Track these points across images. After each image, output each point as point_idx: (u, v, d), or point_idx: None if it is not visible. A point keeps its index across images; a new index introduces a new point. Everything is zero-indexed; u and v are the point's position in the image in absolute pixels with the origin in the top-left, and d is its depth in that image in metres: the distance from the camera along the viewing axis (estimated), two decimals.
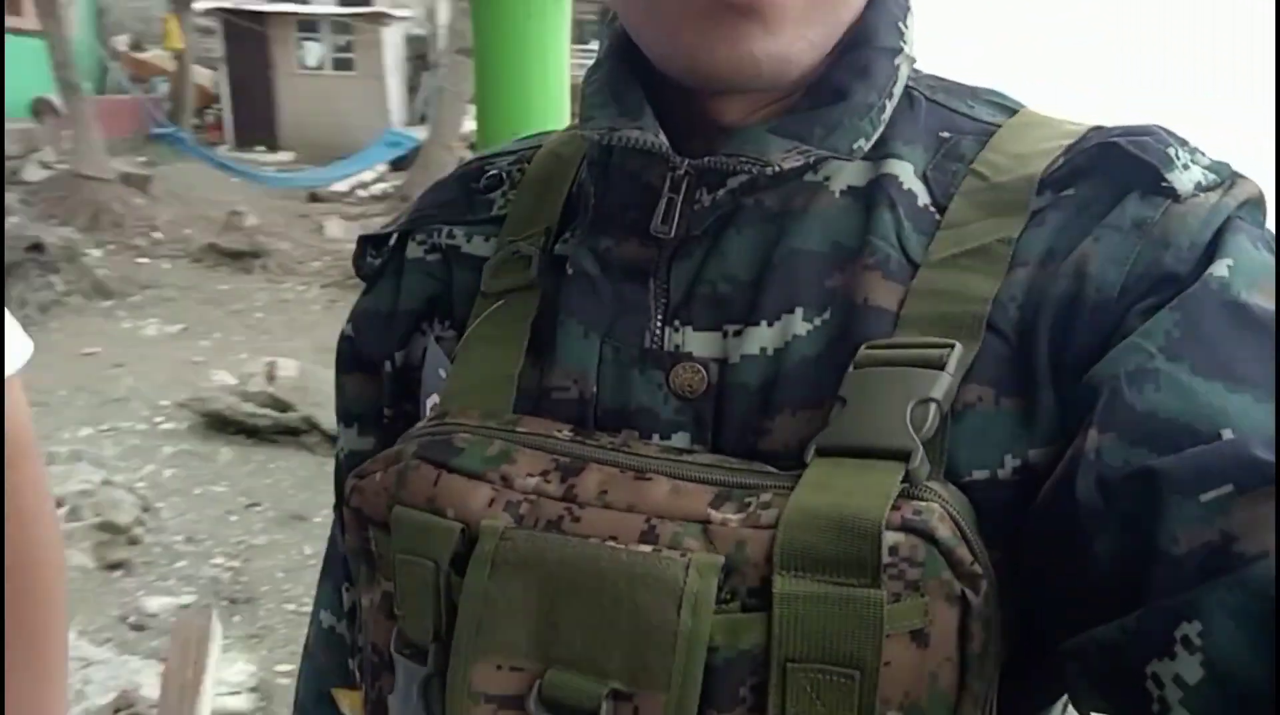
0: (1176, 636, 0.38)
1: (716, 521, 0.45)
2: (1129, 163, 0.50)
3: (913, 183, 0.53)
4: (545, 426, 0.52)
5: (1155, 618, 0.39)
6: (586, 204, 0.58)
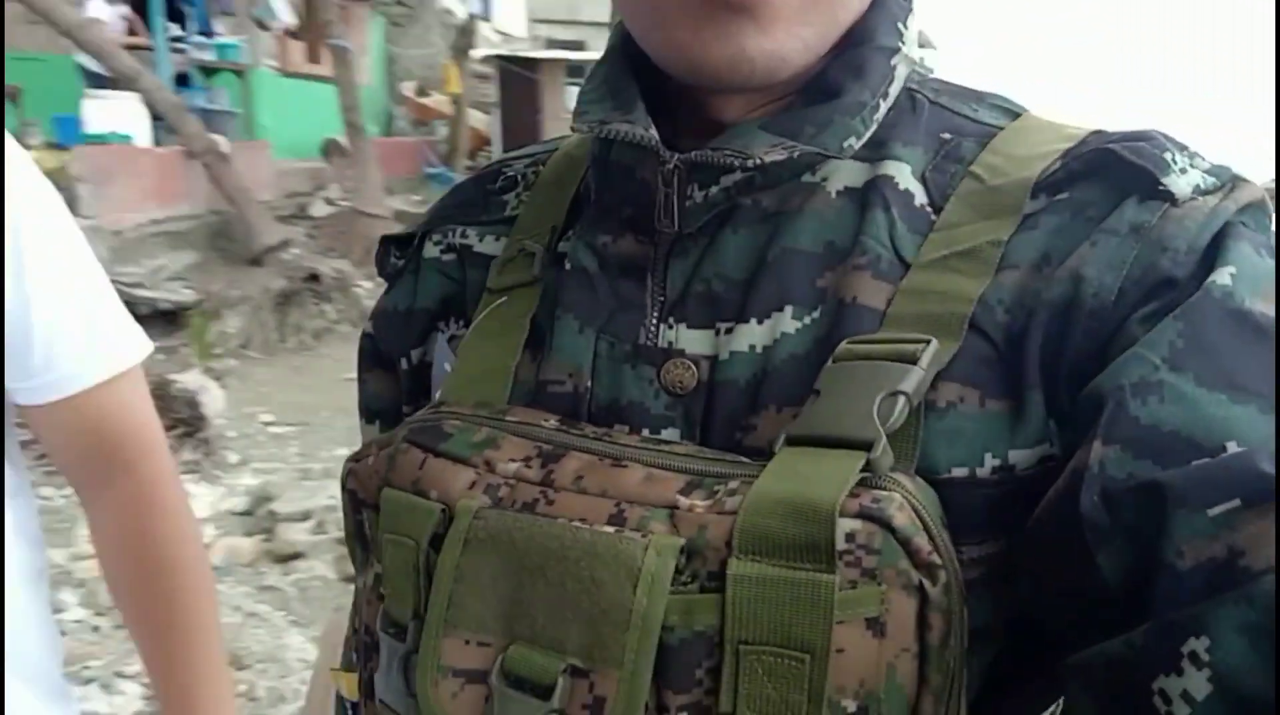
0: (1184, 652, 0.37)
1: (684, 507, 0.45)
2: (1126, 168, 0.49)
3: (909, 183, 0.53)
4: (533, 416, 0.53)
5: (1162, 633, 0.38)
6: (589, 201, 0.58)
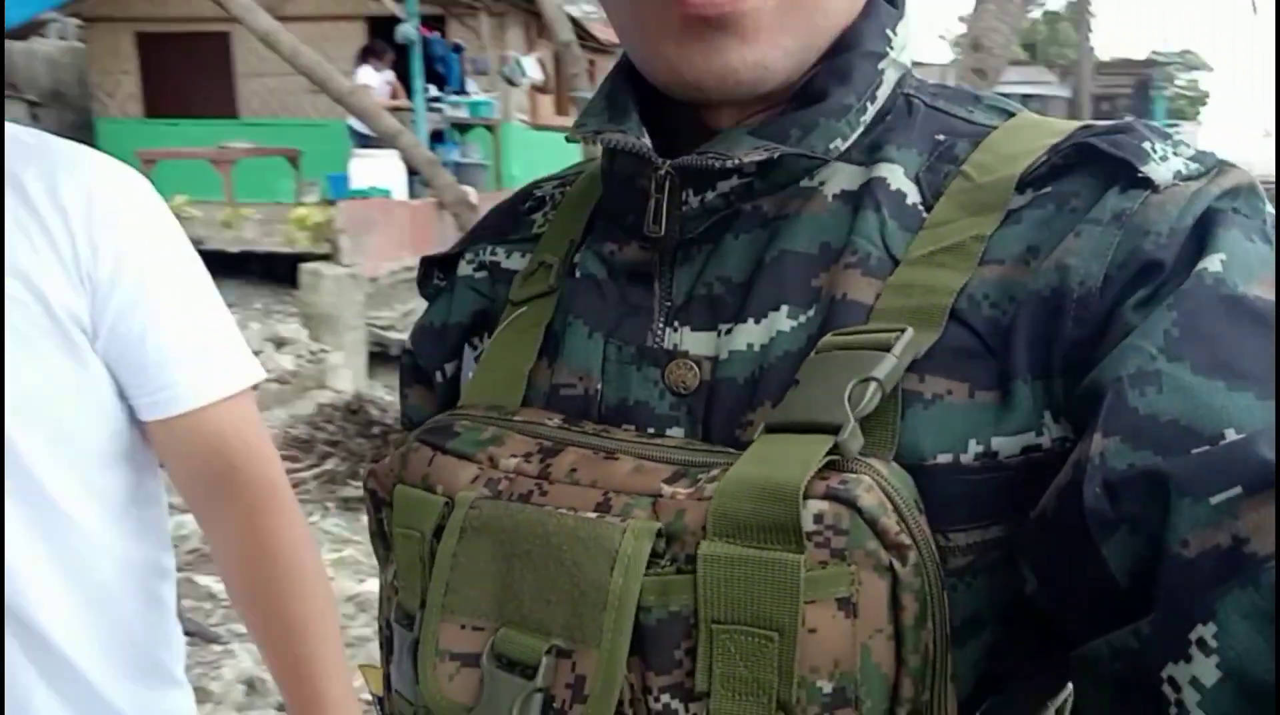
0: (1192, 639, 0.38)
1: (666, 495, 0.47)
2: (1106, 160, 0.50)
3: (902, 183, 0.54)
4: (538, 415, 0.56)
5: (1169, 621, 0.38)
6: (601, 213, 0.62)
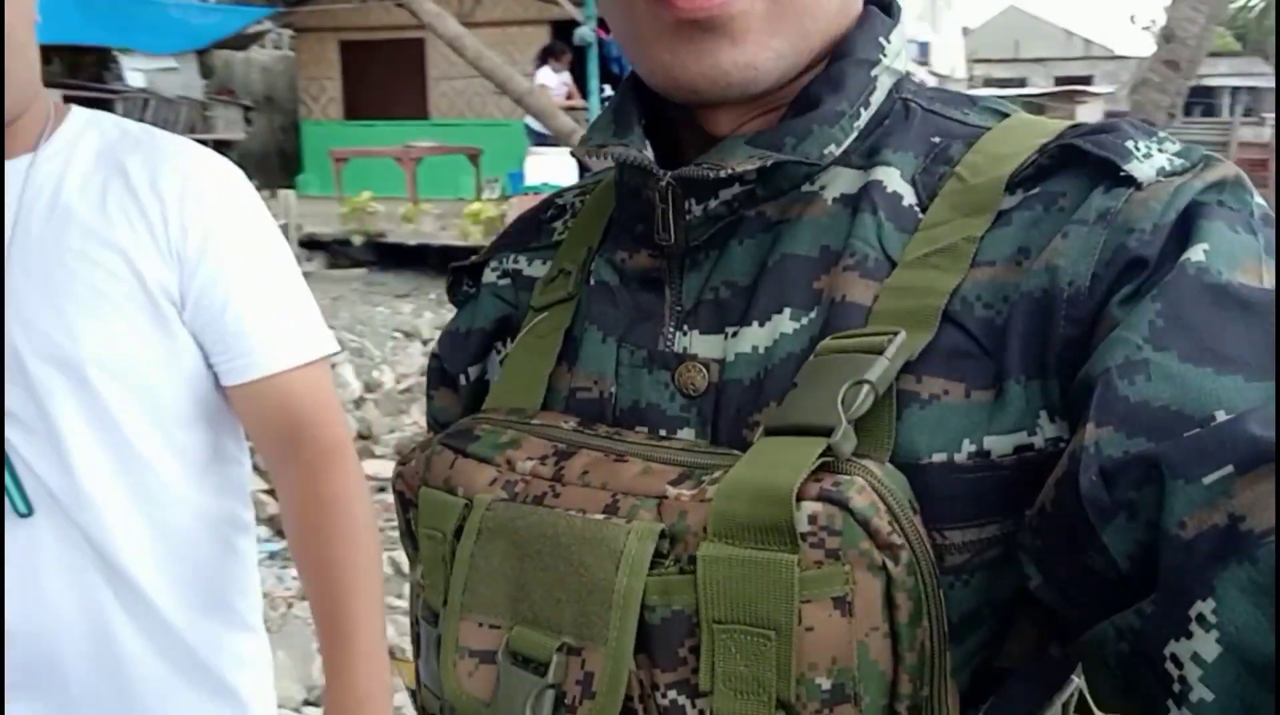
0: (1192, 616, 0.38)
1: (671, 496, 0.48)
2: (1090, 160, 0.51)
3: (898, 185, 0.55)
4: (555, 418, 0.58)
5: (1170, 600, 0.39)
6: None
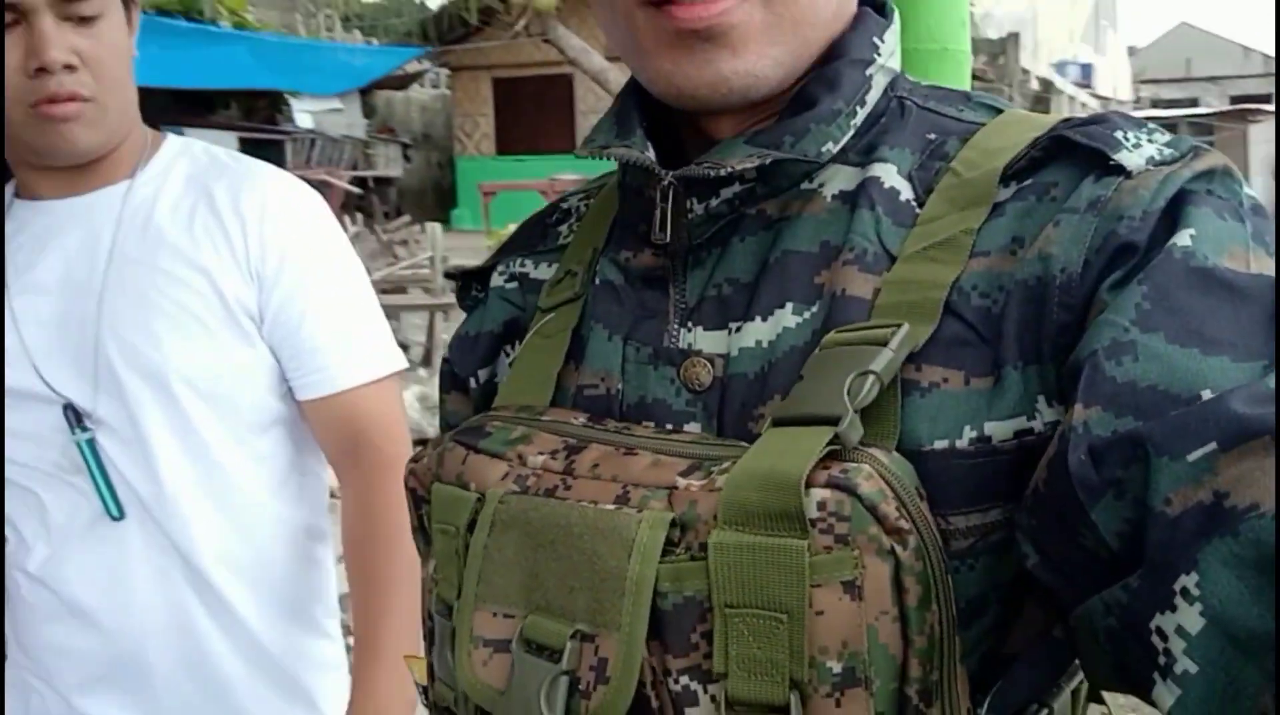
0: (1176, 589, 0.39)
1: (681, 487, 0.49)
2: (1081, 151, 0.51)
3: (895, 181, 0.56)
4: (564, 414, 0.59)
5: (1156, 574, 0.40)
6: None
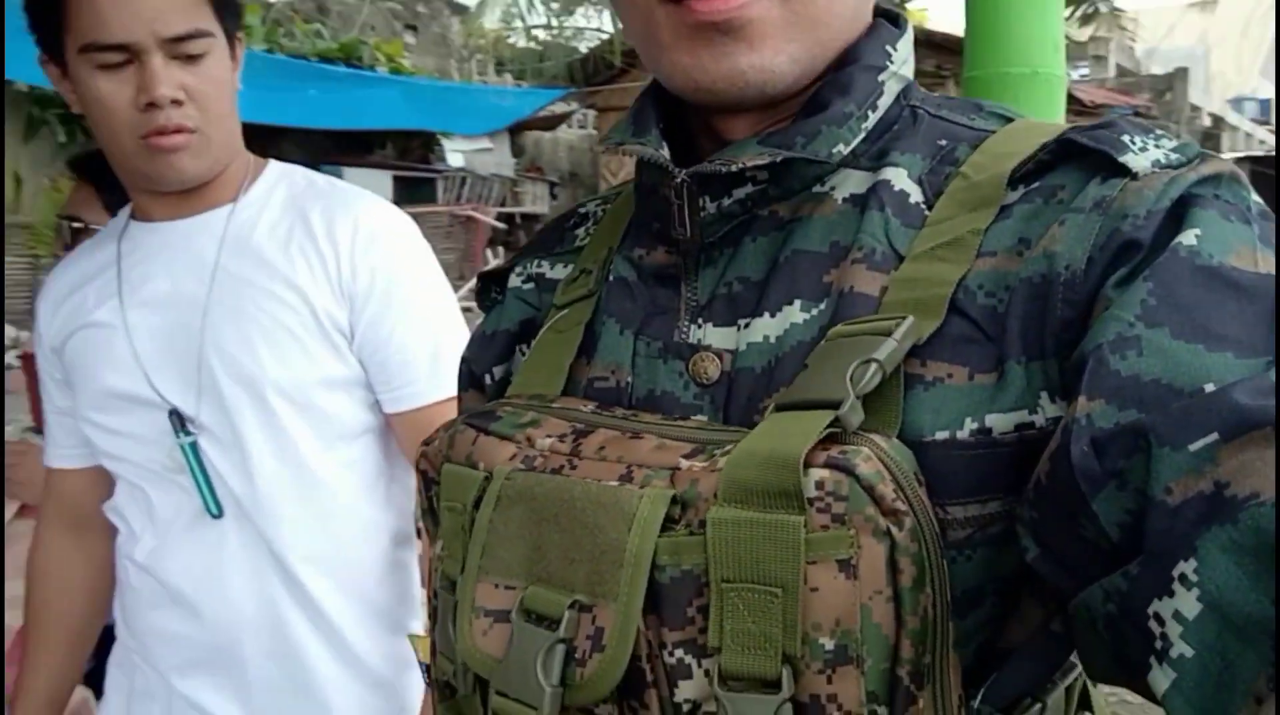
0: (1174, 575, 0.39)
1: (684, 468, 0.50)
2: (1088, 154, 0.53)
3: (905, 184, 0.57)
4: (574, 402, 0.61)
5: (1155, 561, 0.40)
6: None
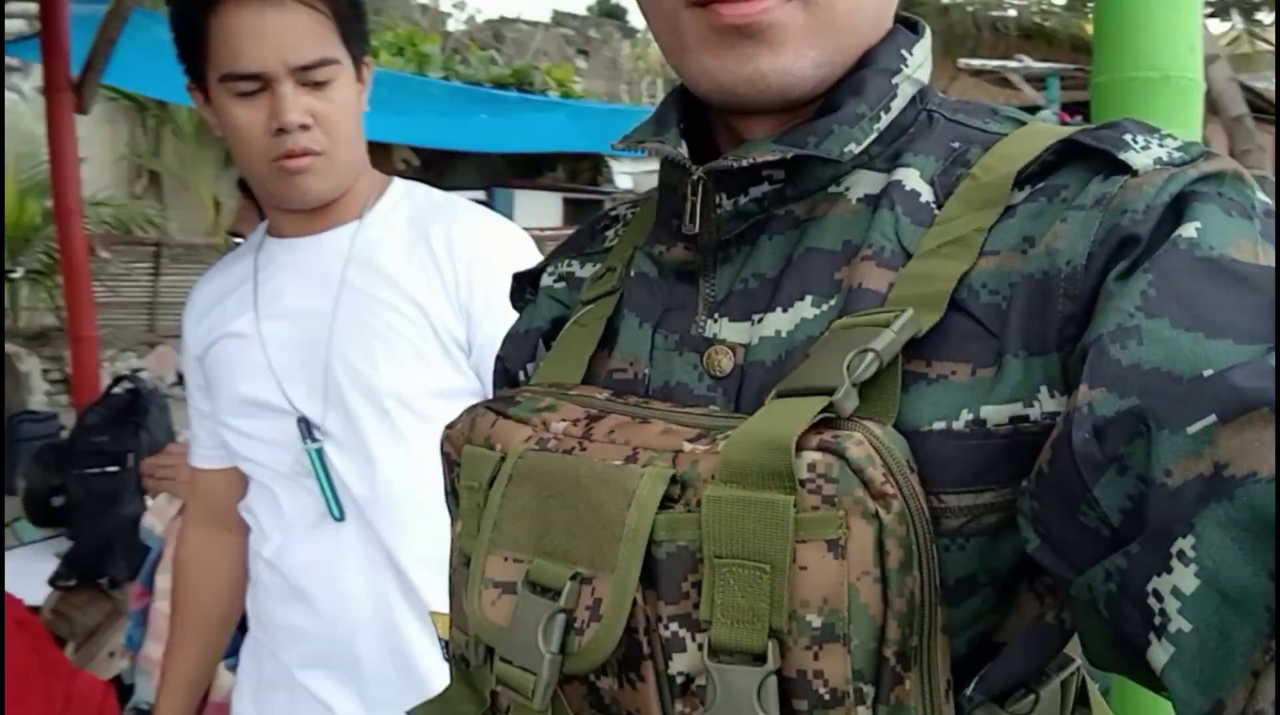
0: (1173, 552, 0.40)
1: (686, 450, 0.52)
2: (1091, 154, 0.54)
3: (917, 184, 0.59)
4: (590, 390, 0.63)
5: (1154, 539, 0.41)
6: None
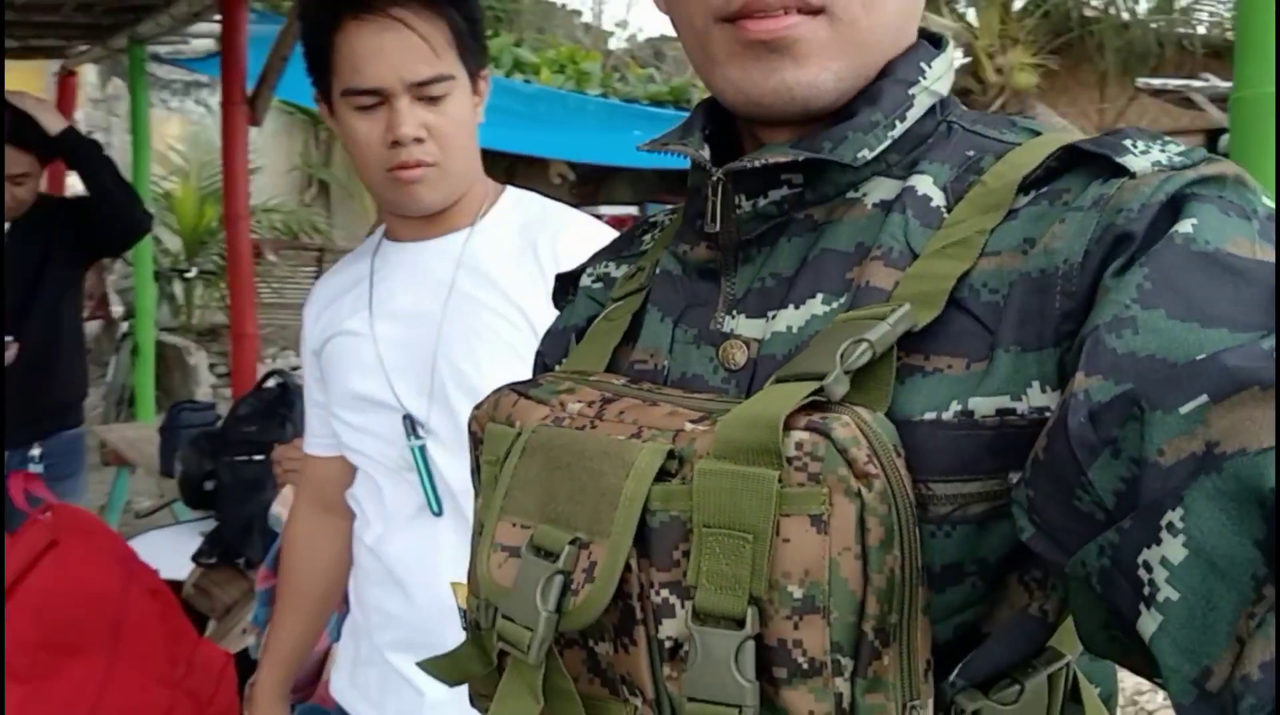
0: (1162, 524, 0.41)
1: (687, 430, 0.55)
2: (1092, 159, 0.56)
3: (929, 189, 0.61)
4: (610, 377, 0.67)
5: (1145, 513, 0.42)
6: None
